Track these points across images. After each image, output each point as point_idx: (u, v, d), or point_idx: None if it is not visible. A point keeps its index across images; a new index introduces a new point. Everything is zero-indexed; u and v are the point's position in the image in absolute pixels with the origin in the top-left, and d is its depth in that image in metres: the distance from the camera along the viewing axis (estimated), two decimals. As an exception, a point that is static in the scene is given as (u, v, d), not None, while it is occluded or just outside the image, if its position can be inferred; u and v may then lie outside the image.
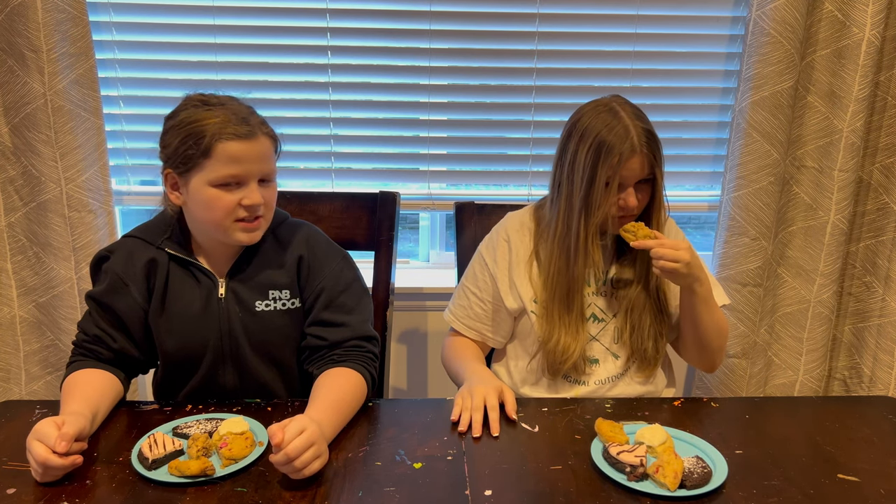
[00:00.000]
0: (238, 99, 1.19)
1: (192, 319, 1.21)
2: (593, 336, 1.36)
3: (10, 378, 1.89)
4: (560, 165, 1.30)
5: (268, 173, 1.17)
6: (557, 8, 1.84)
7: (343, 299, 1.25)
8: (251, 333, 1.23)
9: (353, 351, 1.22)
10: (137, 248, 1.22)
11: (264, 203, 1.16)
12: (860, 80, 1.72)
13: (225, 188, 1.13)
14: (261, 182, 1.16)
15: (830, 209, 1.83)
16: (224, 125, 1.11)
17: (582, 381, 1.36)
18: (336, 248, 1.30)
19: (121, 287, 1.21)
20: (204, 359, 1.23)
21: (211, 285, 1.22)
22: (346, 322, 1.23)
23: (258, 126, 1.15)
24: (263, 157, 1.15)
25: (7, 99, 1.70)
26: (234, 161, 1.12)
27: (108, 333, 1.21)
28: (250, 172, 1.14)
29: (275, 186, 1.20)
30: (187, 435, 1.08)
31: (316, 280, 1.25)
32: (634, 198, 1.25)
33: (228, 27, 1.83)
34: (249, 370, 1.25)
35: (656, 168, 1.25)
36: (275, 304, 1.23)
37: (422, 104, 1.92)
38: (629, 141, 1.20)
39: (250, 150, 1.13)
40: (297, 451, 0.94)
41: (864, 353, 1.97)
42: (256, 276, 1.23)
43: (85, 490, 0.96)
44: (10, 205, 1.78)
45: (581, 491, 0.98)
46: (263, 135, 1.15)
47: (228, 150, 1.11)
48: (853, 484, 1.01)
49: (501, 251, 1.38)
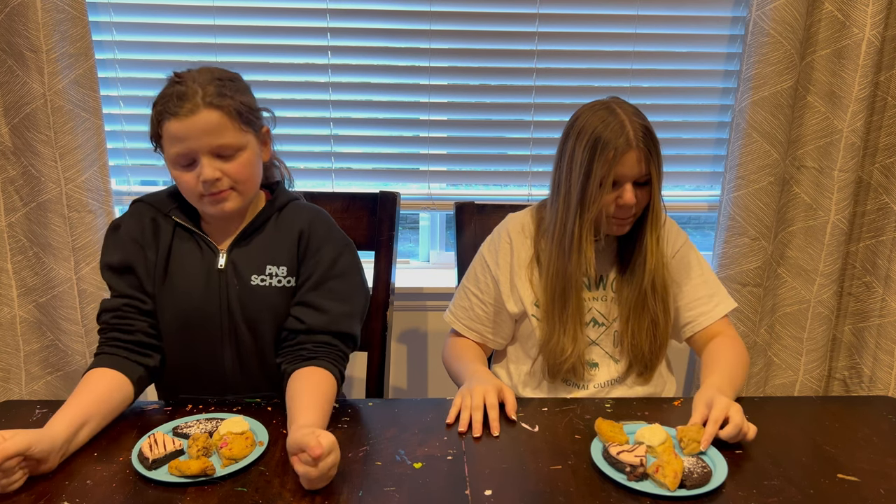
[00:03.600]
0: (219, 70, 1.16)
1: (193, 291, 1.21)
2: (593, 340, 1.36)
3: (10, 378, 1.89)
4: (559, 166, 1.30)
5: (220, 147, 1.12)
6: (557, 8, 1.84)
7: (333, 284, 1.22)
8: (245, 307, 1.21)
9: (322, 348, 1.19)
10: (147, 213, 1.24)
11: (226, 176, 1.13)
12: (860, 80, 1.72)
13: (183, 167, 1.13)
14: (220, 157, 1.13)
15: (830, 209, 1.83)
16: (166, 104, 1.10)
17: (581, 385, 1.35)
18: (340, 235, 1.27)
19: (137, 250, 1.21)
20: (202, 333, 1.22)
21: (212, 256, 1.22)
22: (328, 309, 1.20)
23: (204, 100, 1.10)
24: (208, 131, 1.11)
25: (7, 99, 1.70)
26: (177, 140, 1.11)
27: (137, 297, 1.21)
28: (194, 149, 1.11)
29: (245, 158, 1.15)
30: (187, 435, 1.08)
31: (312, 259, 1.22)
32: (632, 194, 1.24)
33: (228, 27, 1.83)
34: (246, 352, 1.23)
35: (653, 166, 1.23)
36: (270, 279, 1.21)
37: (422, 104, 1.92)
38: (625, 136, 1.20)
39: (190, 126, 1.10)
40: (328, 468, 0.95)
41: (864, 353, 1.97)
42: (257, 249, 1.22)
43: (85, 490, 0.96)
44: (10, 205, 1.78)
45: (581, 491, 0.98)
46: (209, 107, 1.10)
47: (170, 129, 1.11)
48: (853, 484, 1.01)
49: (504, 253, 1.38)
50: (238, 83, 1.18)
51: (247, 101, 1.17)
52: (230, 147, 1.13)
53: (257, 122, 1.20)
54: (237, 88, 1.16)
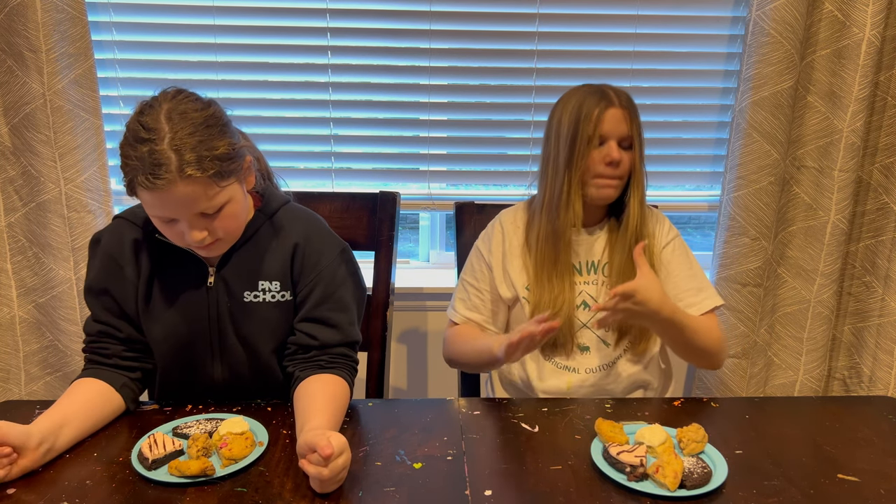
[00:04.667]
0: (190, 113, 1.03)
1: (179, 307, 1.18)
2: (584, 324, 1.37)
3: (9, 378, 1.89)
4: (546, 138, 1.38)
5: (203, 210, 1.04)
6: (557, 8, 1.84)
7: (338, 295, 1.21)
8: (238, 324, 1.20)
9: (339, 359, 1.20)
10: (129, 232, 1.19)
11: (213, 233, 1.08)
12: (860, 80, 1.72)
13: (164, 223, 1.07)
14: (204, 215, 1.05)
15: (830, 209, 1.83)
16: (137, 172, 1.00)
17: (572, 368, 1.36)
18: (335, 241, 1.25)
19: (115, 269, 1.17)
20: (191, 349, 1.20)
21: (200, 273, 1.18)
22: (338, 322, 1.20)
23: (179, 170, 0.99)
24: (186, 202, 1.02)
25: (6, 99, 1.70)
26: (152, 207, 1.05)
27: (111, 325, 1.18)
28: (177, 216, 1.05)
29: (230, 211, 1.08)
30: (187, 435, 1.07)
31: (311, 273, 1.20)
32: (618, 151, 1.30)
33: (228, 27, 1.83)
34: (237, 364, 1.22)
35: (635, 130, 1.32)
36: (264, 295, 1.19)
37: (422, 104, 1.92)
38: (607, 98, 1.30)
39: (166, 199, 1.01)
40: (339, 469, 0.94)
41: (863, 353, 1.97)
42: (248, 264, 1.19)
43: (85, 490, 0.96)
44: (9, 205, 1.78)
45: (581, 491, 0.98)
46: (185, 179, 0.99)
47: (143, 197, 1.03)
48: (853, 484, 1.01)
49: (496, 241, 1.42)
50: (213, 128, 1.04)
51: (226, 151, 1.04)
52: (213, 207, 1.05)
53: (239, 165, 1.08)
54: (213, 136, 1.03)
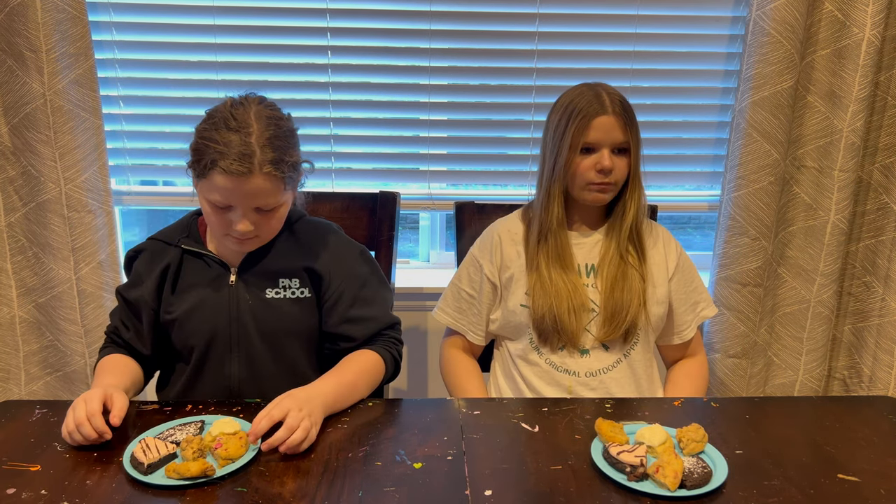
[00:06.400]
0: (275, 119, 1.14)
1: (201, 305, 1.25)
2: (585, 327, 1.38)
3: (9, 378, 1.89)
4: (543, 140, 1.39)
5: (262, 206, 1.15)
6: (557, 8, 1.84)
7: (365, 294, 1.29)
8: (260, 321, 1.25)
9: (377, 338, 1.29)
10: (158, 250, 1.29)
11: (257, 229, 1.16)
12: (860, 80, 1.72)
13: (217, 209, 1.15)
14: (258, 210, 1.15)
15: (830, 209, 1.83)
16: (222, 156, 1.09)
17: (573, 371, 1.38)
18: (352, 246, 1.33)
19: (138, 283, 1.28)
20: (212, 346, 1.26)
21: (222, 273, 1.26)
22: (370, 316, 1.29)
23: (261, 165, 1.10)
24: (255, 194, 1.12)
25: (6, 99, 1.70)
26: (221, 191, 1.12)
27: (124, 324, 1.29)
28: (238, 205, 1.14)
29: (281, 213, 1.20)
30: (176, 441, 1.07)
31: (335, 281, 1.28)
32: (610, 160, 1.29)
33: (228, 27, 1.83)
34: (257, 361, 1.26)
35: (630, 134, 1.30)
36: (285, 292, 1.26)
37: (422, 104, 1.92)
38: (599, 103, 1.29)
39: (239, 187, 1.11)
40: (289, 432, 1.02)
41: (863, 353, 1.97)
42: (269, 265, 1.26)
43: (85, 490, 0.96)
44: (9, 205, 1.78)
45: (581, 491, 0.98)
46: (263, 174, 1.10)
47: (218, 180, 1.10)
48: (853, 484, 1.01)
49: (496, 252, 1.43)
50: (292, 139, 1.17)
51: (297, 160, 1.17)
52: (271, 205, 1.16)
53: (300, 178, 1.21)
54: (291, 146, 1.16)
